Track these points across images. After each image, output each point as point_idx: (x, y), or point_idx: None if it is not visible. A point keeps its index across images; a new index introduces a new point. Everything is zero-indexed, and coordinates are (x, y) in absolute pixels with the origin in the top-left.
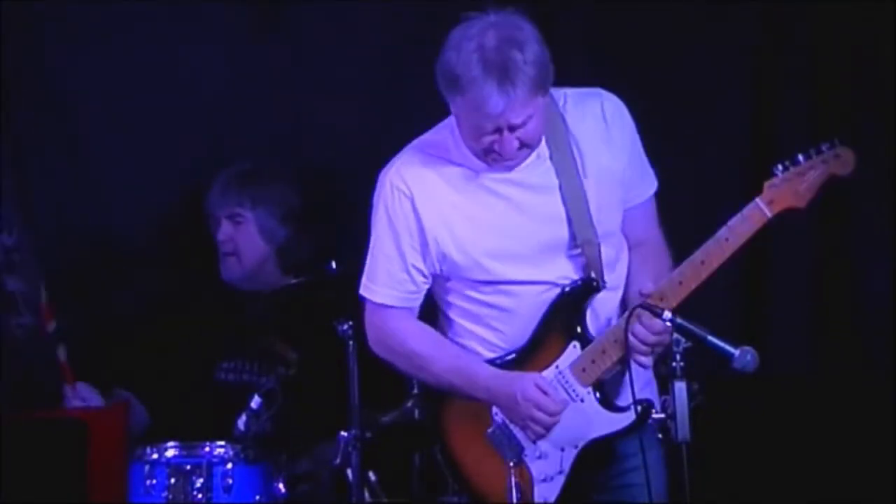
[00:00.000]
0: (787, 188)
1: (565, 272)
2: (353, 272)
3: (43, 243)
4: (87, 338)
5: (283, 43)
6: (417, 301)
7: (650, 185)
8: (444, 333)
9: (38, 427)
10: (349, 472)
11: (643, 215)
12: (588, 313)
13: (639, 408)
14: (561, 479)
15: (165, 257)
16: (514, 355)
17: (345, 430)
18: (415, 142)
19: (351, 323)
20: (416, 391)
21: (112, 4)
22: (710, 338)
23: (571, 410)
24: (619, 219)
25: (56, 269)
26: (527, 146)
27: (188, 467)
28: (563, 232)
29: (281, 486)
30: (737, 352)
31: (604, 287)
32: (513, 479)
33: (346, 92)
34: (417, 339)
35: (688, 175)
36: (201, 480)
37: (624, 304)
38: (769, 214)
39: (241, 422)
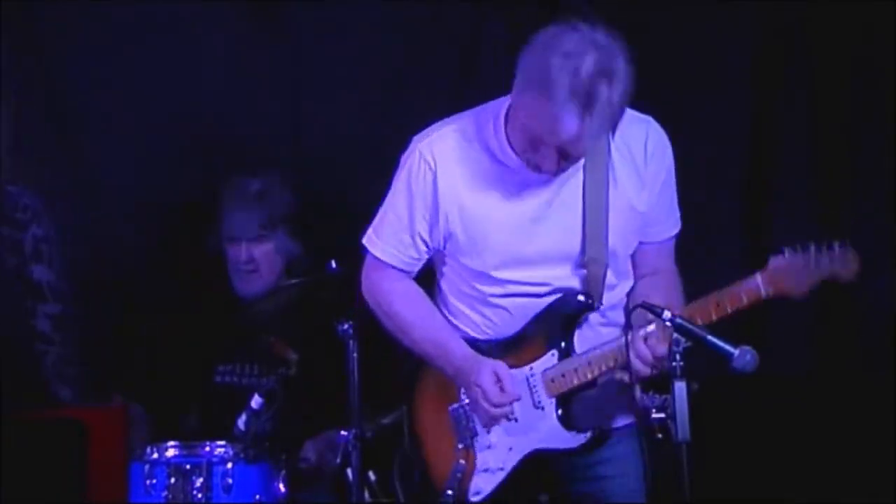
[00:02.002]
0: (789, 274)
1: (565, 282)
2: (353, 272)
3: None
4: (85, 339)
5: (283, 43)
6: (416, 267)
7: (673, 226)
8: (435, 302)
9: (38, 427)
10: (349, 472)
11: (660, 252)
12: (576, 328)
13: (592, 433)
14: (500, 476)
15: (164, 259)
16: (496, 344)
17: (345, 430)
18: (457, 117)
19: (351, 323)
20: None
21: (112, 4)
22: (709, 338)
23: (530, 415)
24: (632, 247)
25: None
26: (569, 165)
27: (188, 467)
28: (575, 246)
29: (281, 485)
30: (737, 352)
31: (599, 307)
32: (458, 462)
33: (346, 92)
34: (406, 303)
35: (688, 174)
36: (201, 480)
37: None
38: (764, 295)
39: (242, 421)
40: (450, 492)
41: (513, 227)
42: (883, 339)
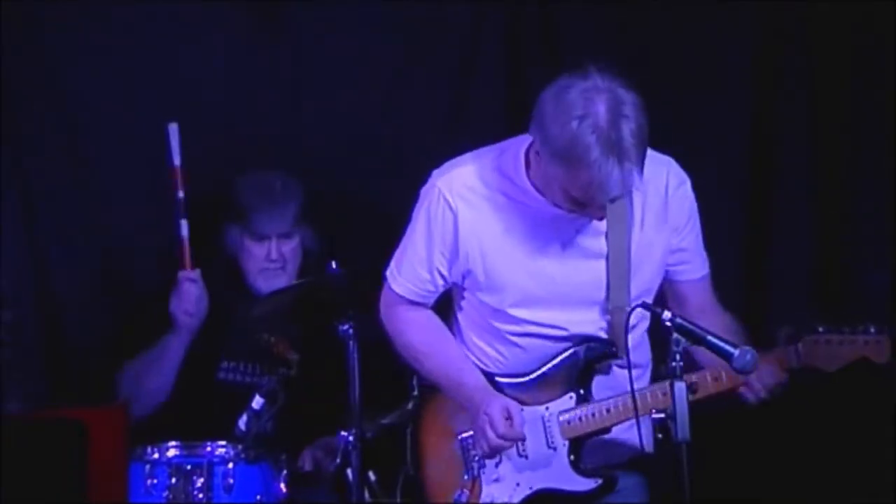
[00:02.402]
0: (823, 350)
1: (584, 328)
2: (353, 272)
3: (43, 244)
4: (87, 338)
5: (283, 43)
6: (433, 298)
7: (700, 267)
8: (452, 332)
9: (38, 427)
10: (349, 472)
11: (697, 290)
12: (596, 374)
13: (602, 480)
14: None
15: (166, 257)
16: (515, 381)
17: (345, 430)
18: (477, 155)
19: (351, 323)
20: (416, 392)
21: (112, 5)
22: (709, 338)
23: (542, 454)
24: (654, 290)
25: (56, 269)
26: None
27: (189, 467)
28: (599, 295)
29: (282, 485)
30: (736, 352)
31: (622, 357)
32: (462, 491)
33: (347, 92)
34: (421, 333)
35: (687, 175)
36: (202, 480)
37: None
38: (796, 364)
39: (242, 421)
40: None
41: (532, 269)
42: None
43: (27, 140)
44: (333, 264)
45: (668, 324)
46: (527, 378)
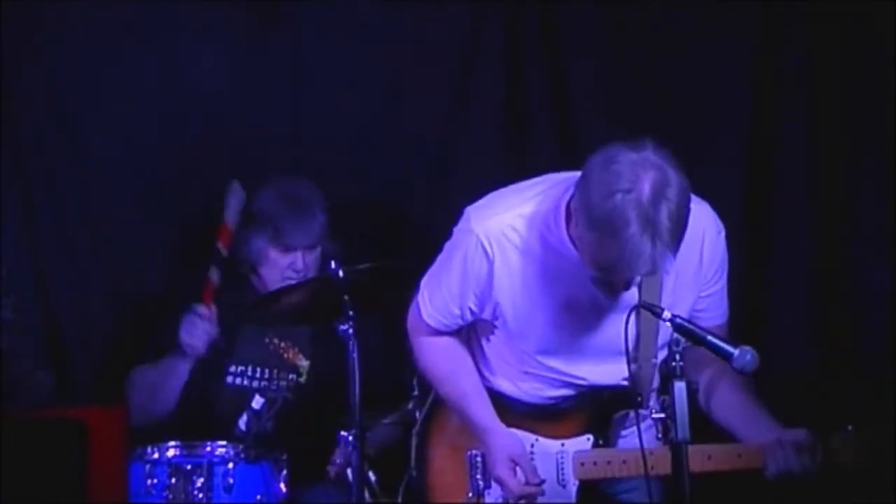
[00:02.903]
0: (849, 449)
1: (610, 380)
2: (353, 272)
3: (44, 244)
4: (91, 340)
5: (283, 43)
6: (460, 327)
7: (720, 315)
8: (473, 353)
9: (38, 427)
10: (349, 472)
11: None
12: (616, 420)
13: None
14: None
15: (168, 259)
16: (534, 409)
17: (345, 430)
18: (519, 198)
19: (351, 323)
20: (416, 393)
21: (112, 5)
22: (709, 338)
23: (550, 489)
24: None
25: (58, 269)
26: None
27: (189, 467)
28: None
29: (282, 485)
30: (736, 352)
31: (645, 406)
32: None
33: (347, 92)
34: (441, 358)
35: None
36: (202, 480)
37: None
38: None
39: (243, 421)
40: None
41: (563, 322)
42: (882, 338)
43: (27, 140)
44: (333, 264)
45: (668, 323)
46: (544, 409)
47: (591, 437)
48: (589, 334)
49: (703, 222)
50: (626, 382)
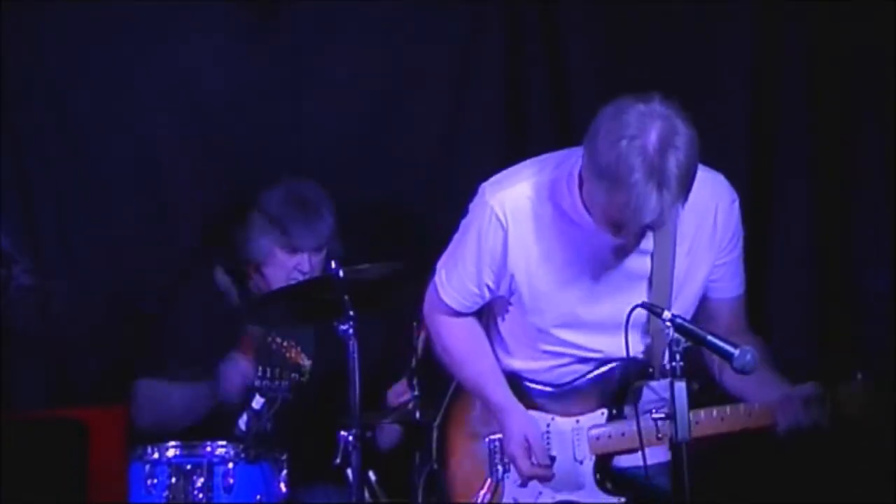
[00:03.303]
0: (857, 399)
1: (623, 352)
2: (352, 272)
3: (44, 244)
4: (90, 340)
5: (283, 43)
6: (478, 307)
7: (737, 287)
8: (489, 335)
9: (38, 427)
10: (349, 472)
11: (733, 312)
12: (630, 394)
13: (625, 500)
14: None
15: (170, 259)
16: (549, 388)
17: (345, 430)
18: (530, 171)
19: (351, 323)
20: (416, 393)
21: (112, 5)
22: (709, 338)
23: (567, 467)
24: (694, 307)
25: (58, 269)
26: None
27: (189, 467)
28: (640, 317)
29: (282, 485)
30: (737, 352)
31: (659, 379)
32: (485, 493)
33: (346, 92)
34: (458, 340)
35: None
36: (202, 480)
37: None
38: (830, 416)
39: (243, 421)
40: None
41: (579, 291)
42: (883, 339)
43: (27, 140)
44: (333, 264)
45: (668, 324)
46: (559, 389)
47: (605, 411)
48: (604, 305)
49: (717, 190)
50: (641, 355)
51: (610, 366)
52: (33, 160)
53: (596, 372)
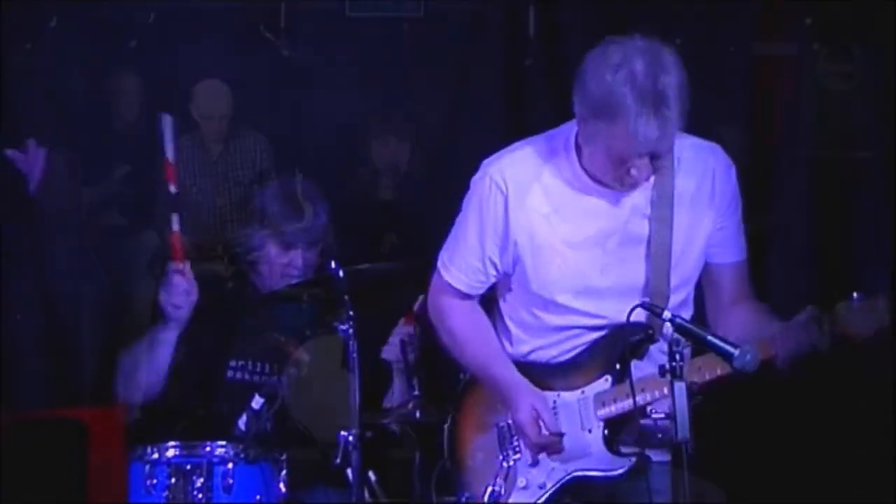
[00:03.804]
0: (857, 316)
1: (625, 314)
2: (352, 272)
3: (44, 244)
4: (86, 338)
5: (282, 43)
6: (483, 289)
7: (738, 252)
8: (493, 323)
9: (38, 427)
10: (349, 472)
11: (736, 278)
12: (633, 358)
13: (633, 459)
14: (539, 494)
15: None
16: (550, 367)
17: (345, 430)
18: (528, 142)
19: (351, 323)
20: (416, 392)
21: (113, 4)
22: (710, 338)
23: (576, 437)
24: (695, 278)
25: (58, 269)
26: (661, 163)
27: (188, 467)
28: (640, 280)
29: (282, 485)
30: (737, 352)
31: (658, 340)
32: (497, 479)
33: (346, 93)
34: (462, 322)
35: None
36: (202, 480)
37: None
38: (828, 336)
39: (242, 421)
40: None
41: (582, 257)
42: (883, 339)
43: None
44: (333, 264)
45: (668, 324)
46: (563, 364)
47: (608, 377)
48: (606, 270)
49: (715, 156)
50: (643, 319)
51: (610, 334)
52: None
53: (598, 342)
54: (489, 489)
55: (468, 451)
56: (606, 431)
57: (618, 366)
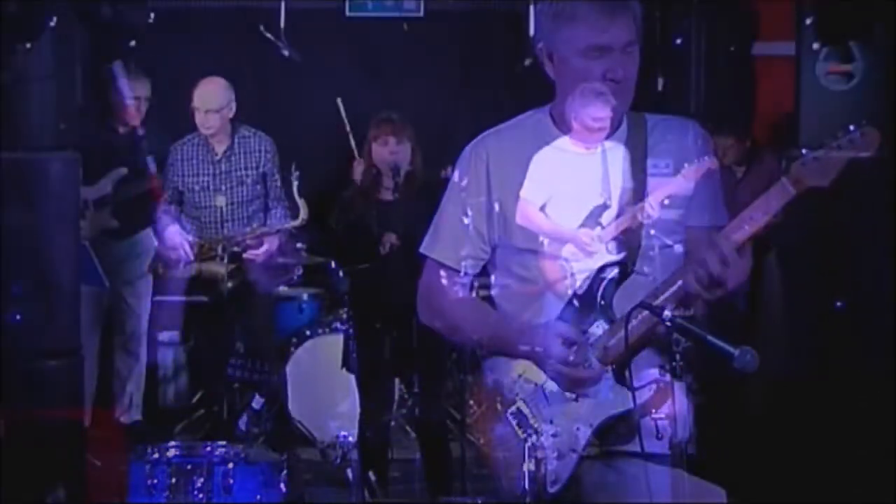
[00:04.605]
0: (812, 168)
1: (606, 258)
2: (352, 273)
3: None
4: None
5: (282, 43)
6: (468, 266)
7: (722, 216)
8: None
9: (38, 427)
10: (349, 472)
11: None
12: (618, 296)
13: (650, 385)
14: (574, 458)
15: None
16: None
17: (345, 430)
18: (508, 122)
19: (351, 323)
20: (416, 391)
21: (113, 4)
22: (710, 338)
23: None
24: (677, 236)
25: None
26: (624, 92)
27: (189, 467)
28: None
29: (282, 485)
30: (737, 352)
31: (634, 272)
32: (529, 460)
33: (346, 93)
34: (460, 304)
35: None
36: (202, 480)
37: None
38: (793, 192)
39: (242, 422)
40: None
41: (569, 210)
42: (883, 339)
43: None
44: (333, 264)
45: (668, 324)
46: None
47: (599, 323)
48: (585, 220)
49: (693, 123)
50: (619, 258)
51: (591, 280)
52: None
53: (581, 290)
54: (525, 468)
55: (492, 447)
56: (614, 372)
57: (605, 312)
